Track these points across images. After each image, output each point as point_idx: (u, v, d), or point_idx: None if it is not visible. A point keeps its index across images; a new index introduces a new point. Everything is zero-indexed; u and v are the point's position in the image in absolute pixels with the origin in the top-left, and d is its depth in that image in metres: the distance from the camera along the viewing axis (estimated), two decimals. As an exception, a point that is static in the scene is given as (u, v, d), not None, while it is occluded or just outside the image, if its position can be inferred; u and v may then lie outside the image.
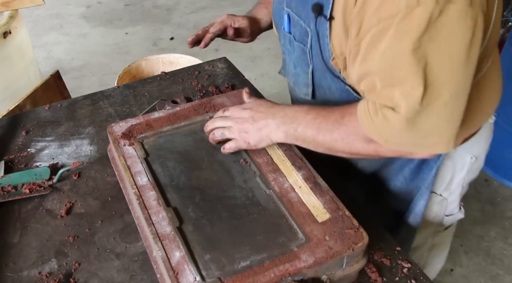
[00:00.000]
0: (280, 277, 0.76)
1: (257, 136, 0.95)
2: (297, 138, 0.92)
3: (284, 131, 0.93)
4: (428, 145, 0.80)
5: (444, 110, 0.75)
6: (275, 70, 3.51)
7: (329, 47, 0.88)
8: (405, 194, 1.10)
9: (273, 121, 0.94)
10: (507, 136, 2.22)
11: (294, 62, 1.03)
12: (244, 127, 0.96)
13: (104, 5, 3.98)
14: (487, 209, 2.27)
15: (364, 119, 0.82)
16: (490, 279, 1.98)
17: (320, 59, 0.93)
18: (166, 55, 2.01)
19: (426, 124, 0.77)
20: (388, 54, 0.73)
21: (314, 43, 0.92)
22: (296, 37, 0.97)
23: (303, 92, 1.05)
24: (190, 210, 0.88)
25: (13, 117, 1.28)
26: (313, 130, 0.89)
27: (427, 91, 0.73)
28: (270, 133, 0.94)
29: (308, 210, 0.87)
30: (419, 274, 0.88)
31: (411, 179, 1.07)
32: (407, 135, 0.79)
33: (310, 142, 0.91)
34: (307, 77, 1.00)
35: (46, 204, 1.02)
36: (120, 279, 0.88)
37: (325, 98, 1.00)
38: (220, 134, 0.98)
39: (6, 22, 2.04)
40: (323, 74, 0.96)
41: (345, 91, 0.95)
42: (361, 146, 0.86)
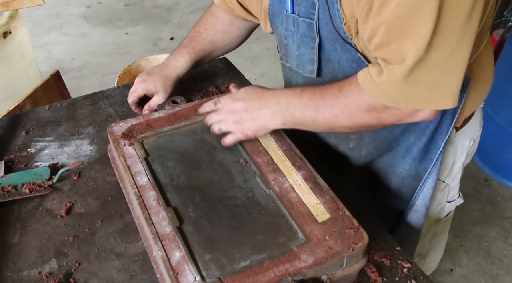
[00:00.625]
0: (280, 277, 0.76)
1: (253, 127, 0.96)
2: (295, 123, 0.93)
3: (281, 119, 0.93)
4: (433, 100, 0.80)
5: (449, 61, 0.77)
6: (275, 70, 3.51)
7: (340, 12, 0.87)
8: (414, 178, 1.10)
9: (268, 110, 0.94)
10: (507, 136, 2.22)
11: (298, 42, 1.01)
12: (239, 119, 0.96)
13: (104, 5, 3.98)
14: (487, 209, 2.27)
15: (367, 83, 0.83)
16: (490, 279, 1.98)
17: (330, 29, 0.91)
18: (166, 55, 2.00)
19: (431, 75, 0.78)
20: (403, 3, 0.73)
21: (322, 13, 0.91)
22: (301, 14, 0.96)
23: (307, 70, 1.02)
24: (190, 210, 0.88)
25: (13, 117, 1.28)
26: (311, 111, 0.89)
27: (434, 40, 0.74)
28: (266, 122, 0.95)
29: (308, 210, 0.87)
30: (419, 274, 0.88)
31: (419, 160, 1.06)
32: (413, 89, 0.80)
33: (310, 123, 0.92)
34: (312, 52, 0.98)
35: (46, 204, 1.02)
36: (120, 279, 0.88)
37: (333, 74, 0.98)
38: (218, 129, 0.99)
39: (6, 22, 2.04)
40: (333, 45, 0.94)
41: (355, 61, 0.93)
42: (363, 116, 0.86)
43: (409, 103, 0.82)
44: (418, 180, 1.10)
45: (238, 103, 0.97)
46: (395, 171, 1.11)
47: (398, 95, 0.81)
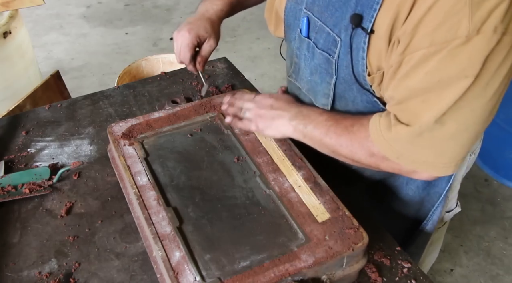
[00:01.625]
0: (280, 277, 0.76)
1: (268, 123, 0.98)
2: (304, 135, 0.94)
3: (294, 125, 0.95)
4: (437, 166, 0.80)
5: (463, 134, 0.77)
6: (275, 70, 3.52)
7: (364, 61, 0.84)
8: (417, 202, 1.10)
9: (288, 113, 0.97)
10: (507, 136, 2.22)
11: (312, 69, 0.97)
12: (261, 112, 1.00)
13: (104, 5, 3.98)
14: (487, 209, 2.27)
15: (375, 134, 0.83)
16: (490, 279, 1.98)
17: (349, 72, 0.88)
18: (166, 55, 2.01)
19: (442, 144, 0.78)
20: (433, 75, 0.73)
21: (343, 54, 0.87)
22: (319, 45, 0.91)
23: (320, 102, 1.00)
24: (190, 210, 0.88)
25: (13, 117, 1.28)
26: (321, 131, 0.91)
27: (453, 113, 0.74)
28: (281, 125, 0.97)
29: (308, 210, 0.87)
30: (419, 274, 0.88)
31: (423, 188, 1.07)
32: (419, 152, 0.80)
33: (316, 141, 0.93)
34: (328, 87, 0.95)
35: (46, 204, 1.02)
36: (120, 279, 0.88)
37: (346, 108, 0.97)
38: (243, 113, 1.03)
39: (6, 22, 2.04)
40: (350, 86, 0.91)
41: (371, 102, 0.92)
42: (364, 157, 0.87)
43: (413, 164, 0.82)
44: (421, 204, 1.10)
45: (270, 99, 1.01)
46: (398, 196, 1.11)
47: (403, 154, 0.81)
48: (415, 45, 0.74)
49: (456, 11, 0.69)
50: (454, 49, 0.70)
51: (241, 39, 3.49)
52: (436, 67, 0.72)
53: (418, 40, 0.73)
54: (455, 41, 0.69)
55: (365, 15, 0.80)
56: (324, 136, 0.91)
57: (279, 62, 3.22)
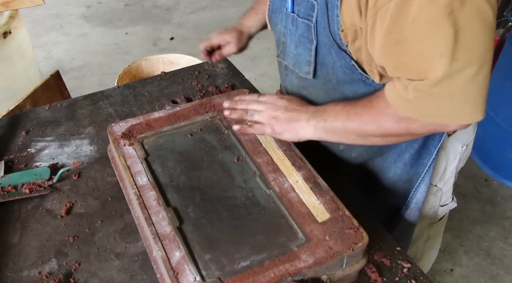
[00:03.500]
0: (280, 277, 0.76)
1: (285, 125, 0.98)
2: (326, 130, 0.94)
3: (313, 124, 0.95)
4: (464, 114, 0.80)
5: (478, 77, 0.76)
6: (275, 70, 3.51)
7: (339, 18, 0.87)
8: (405, 182, 1.11)
9: (305, 114, 0.97)
10: (507, 136, 2.22)
11: (296, 42, 1.01)
12: (275, 114, 0.99)
13: (104, 5, 3.98)
14: (487, 209, 2.27)
15: (396, 99, 0.83)
16: (490, 279, 1.98)
17: (327, 33, 0.91)
18: (166, 55, 2.01)
19: (461, 90, 0.77)
20: (419, 21, 0.73)
21: (320, 17, 0.91)
22: (301, 14, 0.95)
23: (304, 70, 1.02)
24: (190, 210, 0.88)
25: (13, 117, 1.28)
26: (342, 118, 0.92)
27: (459, 56, 0.73)
28: (299, 127, 0.97)
29: (308, 210, 0.87)
30: (419, 274, 0.88)
31: (411, 165, 1.08)
32: (442, 104, 0.79)
33: (340, 131, 0.93)
34: (309, 54, 0.98)
35: (46, 204, 1.02)
36: (120, 279, 0.88)
37: (327, 77, 0.99)
38: (250, 115, 1.02)
39: (6, 22, 2.04)
40: (329, 49, 0.94)
41: (349, 68, 0.94)
42: (391, 125, 0.87)
43: (439, 118, 0.82)
44: (410, 183, 1.11)
45: (282, 101, 1.01)
46: (387, 175, 1.12)
47: (427, 111, 0.81)
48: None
49: None
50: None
51: (241, 39, 3.48)
52: (418, 12, 0.72)
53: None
54: None
55: None
56: (346, 122, 0.91)
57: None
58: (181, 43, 3.50)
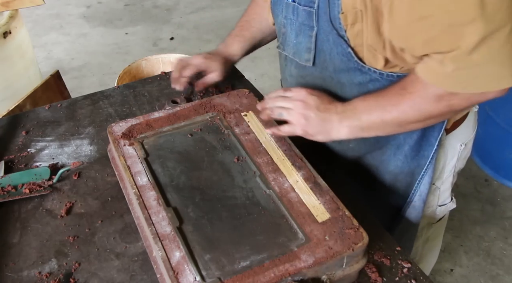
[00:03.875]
0: (280, 277, 0.76)
1: (318, 127, 0.94)
2: (362, 127, 0.92)
3: (347, 125, 0.93)
4: (503, 78, 0.79)
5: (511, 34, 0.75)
6: (275, 70, 3.50)
7: (339, 2, 0.87)
8: (406, 175, 1.09)
9: (336, 115, 0.93)
10: (507, 136, 2.22)
11: (296, 31, 1.00)
12: (307, 114, 0.94)
13: (104, 5, 3.98)
14: (487, 209, 2.27)
15: (434, 76, 0.82)
16: (490, 279, 1.98)
17: (327, 18, 0.91)
18: (166, 55, 2.01)
19: (498, 54, 0.76)
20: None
21: (322, 2, 0.90)
22: (302, 3, 0.95)
23: (304, 58, 1.01)
24: (190, 210, 0.88)
25: (13, 117, 1.28)
26: (377, 112, 0.89)
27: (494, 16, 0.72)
28: (332, 129, 0.94)
29: (308, 210, 0.87)
30: (419, 274, 0.88)
31: (412, 157, 1.06)
32: (482, 71, 0.78)
33: (378, 125, 0.91)
34: (310, 41, 0.97)
35: (46, 204, 1.02)
36: (120, 279, 0.88)
37: (324, 65, 0.99)
38: (278, 114, 0.97)
39: (6, 22, 2.04)
40: (327, 36, 0.94)
41: (345, 55, 0.93)
42: (433, 107, 0.85)
43: (482, 86, 0.80)
44: (412, 176, 1.10)
45: (312, 98, 0.95)
46: (388, 168, 1.11)
47: (469, 81, 0.80)
48: None
49: None
50: None
51: (241, 39, 3.48)
52: None
53: None
54: None
55: None
56: (383, 116, 0.89)
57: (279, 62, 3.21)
58: (181, 43, 3.50)
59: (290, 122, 0.96)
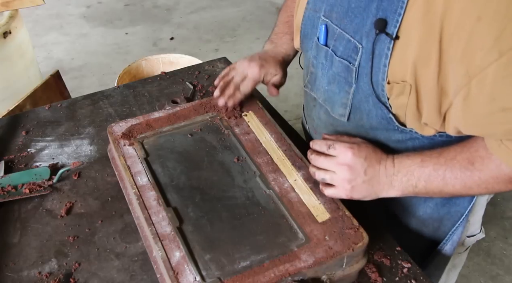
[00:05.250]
0: (280, 277, 0.76)
1: (365, 192, 0.87)
2: (417, 193, 0.86)
3: (399, 189, 0.86)
4: None
5: None
6: (275, 70, 3.41)
7: (386, 69, 0.80)
8: (435, 220, 1.05)
9: (386, 178, 0.86)
10: (507, 136, 2.21)
11: (329, 78, 0.93)
12: (352, 180, 0.86)
13: (104, 5, 3.98)
14: (487, 209, 2.25)
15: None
16: (490, 279, 1.98)
17: (367, 80, 0.84)
18: (166, 55, 2.01)
19: None
20: None
21: (364, 62, 0.83)
22: (338, 53, 0.88)
23: (337, 112, 0.95)
24: (190, 210, 0.88)
25: (13, 117, 1.28)
26: (437, 183, 0.83)
27: None
28: (381, 191, 0.87)
29: (308, 210, 0.87)
30: (419, 274, 0.88)
31: (443, 204, 1.02)
32: None
33: (435, 194, 0.86)
34: (346, 97, 0.90)
35: (46, 204, 1.02)
36: (120, 279, 0.88)
37: (360, 123, 0.93)
38: (321, 179, 0.89)
39: (6, 22, 2.04)
40: (366, 97, 0.87)
41: (385, 119, 0.88)
42: (504, 187, 0.81)
43: None
44: (439, 222, 1.06)
45: (359, 161, 0.86)
46: (416, 213, 1.05)
47: None
48: (479, 63, 0.68)
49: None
50: None
51: (241, 39, 3.48)
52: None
53: (481, 57, 0.68)
54: None
55: (389, 20, 0.76)
56: (443, 187, 0.83)
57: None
58: (181, 43, 3.50)
59: (334, 186, 0.89)
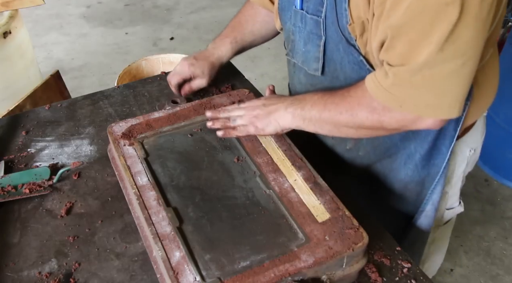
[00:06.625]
0: (280, 277, 0.76)
1: (266, 120, 1.00)
2: (303, 117, 0.95)
3: (291, 112, 0.97)
4: (441, 108, 0.80)
5: (460, 70, 0.77)
6: (275, 70, 3.50)
7: (347, 12, 0.88)
8: (417, 183, 1.10)
9: (282, 104, 0.99)
10: (507, 136, 2.22)
11: (305, 39, 1.01)
12: (255, 113, 1.01)
13: (104, 5, 3.98)
14: (487, 209, 2.27)
15: (374, 86, 0.84)
16: (490, 279, 1.98)
17: (335, 28, 0.92)
18: (166, 55, 2.01)
19: (441, 82, 0.78)
20: (414, 7, 0.73)
21: (329, 12, 0.92)
22: (310, 11, 0.96)
23: (312, 67, 1.03)
24: (190, 210, 0.88)
25: (13, 117, 1.28)
26: (319, 107, 0.93)
27: (447, 48, 0.74)
28: (279, 117, 0.99)
29: (308, 210, 0.87)
30: (419, 274, 0.88)
31: (422, 166, 1.06)
32: (420, 94, 0.80)
33: (317, 120, 0.94)
34: (318, 50, 0.99)
35: (46, 204, 1.02)
36: (120, 279, 0.88)
37: (335, 74, 1.00)
38: (233, 121, 1.03)
39: (6, 22, 2.04)
40: (336, 45, 0.95)
41: (357, 63, 0.94)
42: (365, 116, 0.88)
43: (416, 109, 0.82)
44: (422, 185, 1.10)
45: (260, 100, 1.04)
46: (397, 177, 1.10)
47: (405, 99, 0.82)
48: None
49: None
50: None
51: (241, 39, 3.48)
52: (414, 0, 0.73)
53: None
54: None
55: None
56: (322, 112, 0.92)
57: (279, 62, 3.22)
58: (181, 43, 3.50)
59: (243, 125, 1.02)
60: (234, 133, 1.03)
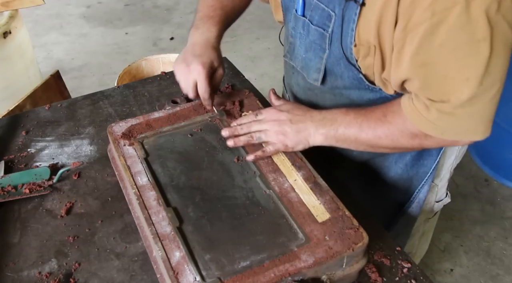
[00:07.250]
0: (280, 277, 0.76)
1: (296, 139, 0.96)
2: (337, 139, 0.94)
3: (323, 133, 0.94)
4: (478, 132, 0.83)
5: (495, 96, 0.79)
6: (275, 70, 3.50)
7: (353, 33, 0.87)
8: (405, 181, 1.13)
9: (312, 123, 0.95)
10: (507, 136, 2.22)
11: (306, 46, 0.99)
12: (282, 130, 0.96)
13: (104, 5, 3.98)
14: (487, 209, 2.27)
15: (417, 118, 0.85)
16: (490, 279, 1.98)
17: (338, 45, 0.91)
18: (166, 55, 2.01)
19: (481, 111, 0.80)
20: (447, 46, 0.74)
21: (336, 28, 0.90)
22: (314, 21, 0.94)
23: (312, 77, 1.02)
24: (190, 210, 0.88)
25: (13, 117, 1.28)
26: (355, 129, 0.92)
27: (486, 80, 0.75)
28: (309, 136, 0.95)
29: (308, 210, 0.87)
30: (419, 274, 0.88)
31: (412, 165, 1.10)
32: (463, 123, 0.82)
33: (352, 141, 0.94)
34: (320, 62, 0.97)
35: (46, 204, 1.02)
36: (120, 279, 0.88)
37: (335, 84, 1.00)
38: (257, 138, 0.98)
39: (6, 22, 2.04)
40: (337, 60, 0.94)
41: (357, 79, 0.95)
42: (406, 141, 0.89)
43: (457, 135, 0.85)
44: (410, 182, 1.13)
45: (283, 114, 0.97)
46: (388, 174, 1.13)
47: (447, 129, 0.84)
48: (416, 21, 0.75)
49: None
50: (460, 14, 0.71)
51: (241, 39, 3.48)
52: (448, 37, 0.73)
53: (418, 15, 0.75)
54: (456, 6, 0.71)
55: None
56: (359, 134, 0.92)
57: (279, 62, 3.21)
58: (181, 43, 3.50)
59: (270, 142, 0.97)
60: (264, 154, 0.97)
